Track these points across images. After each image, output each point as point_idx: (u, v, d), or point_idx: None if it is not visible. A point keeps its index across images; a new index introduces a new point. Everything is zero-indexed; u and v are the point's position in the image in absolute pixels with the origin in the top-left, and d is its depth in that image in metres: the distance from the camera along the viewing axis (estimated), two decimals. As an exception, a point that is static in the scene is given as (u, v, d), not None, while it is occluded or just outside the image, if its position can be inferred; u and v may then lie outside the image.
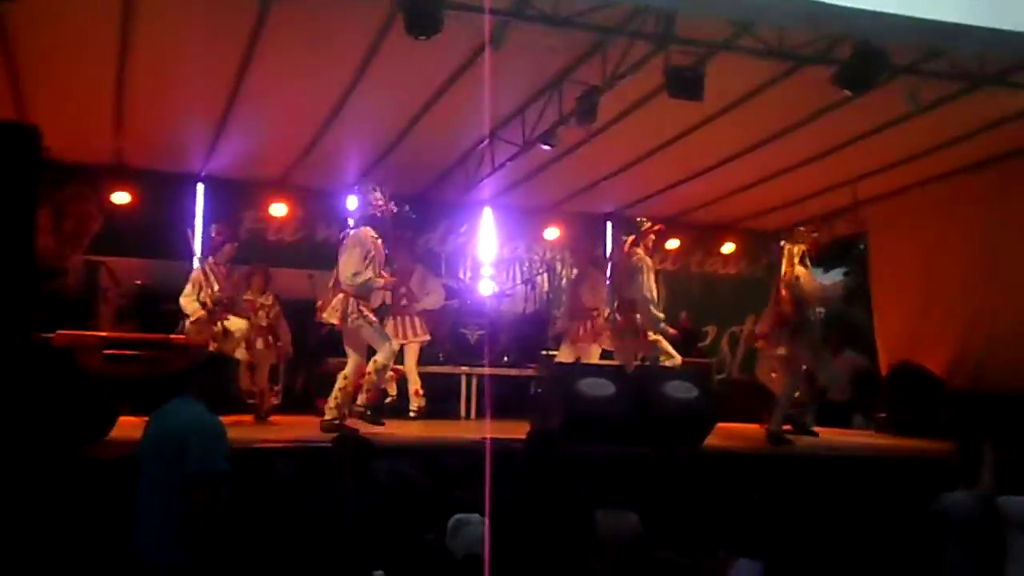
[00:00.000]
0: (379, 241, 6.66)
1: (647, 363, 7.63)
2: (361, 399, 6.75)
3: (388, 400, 7.95)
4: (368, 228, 6.62)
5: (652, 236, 7.85)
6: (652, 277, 7.69)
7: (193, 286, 7.23)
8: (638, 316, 7.59)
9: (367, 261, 6.49)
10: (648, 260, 7.75)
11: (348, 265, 6.49)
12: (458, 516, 4.19)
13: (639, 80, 6.67)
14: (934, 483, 4.68)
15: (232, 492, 3.71)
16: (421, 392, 8.05)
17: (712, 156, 8.90)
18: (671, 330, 7.85)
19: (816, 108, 7.46)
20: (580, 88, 7.02)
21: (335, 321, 6.54)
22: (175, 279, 7.64)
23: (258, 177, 9.71)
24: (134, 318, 8.39)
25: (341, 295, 6.51)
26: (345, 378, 6.53)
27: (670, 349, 7.75)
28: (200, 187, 9.66)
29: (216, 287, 7.21)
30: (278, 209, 9.94)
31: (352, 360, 6.61)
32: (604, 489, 4.38)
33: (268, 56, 6.66)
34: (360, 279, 6.44)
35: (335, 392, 6.51)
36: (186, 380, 3.81)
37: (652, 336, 7.64)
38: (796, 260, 7.39)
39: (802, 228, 7.84)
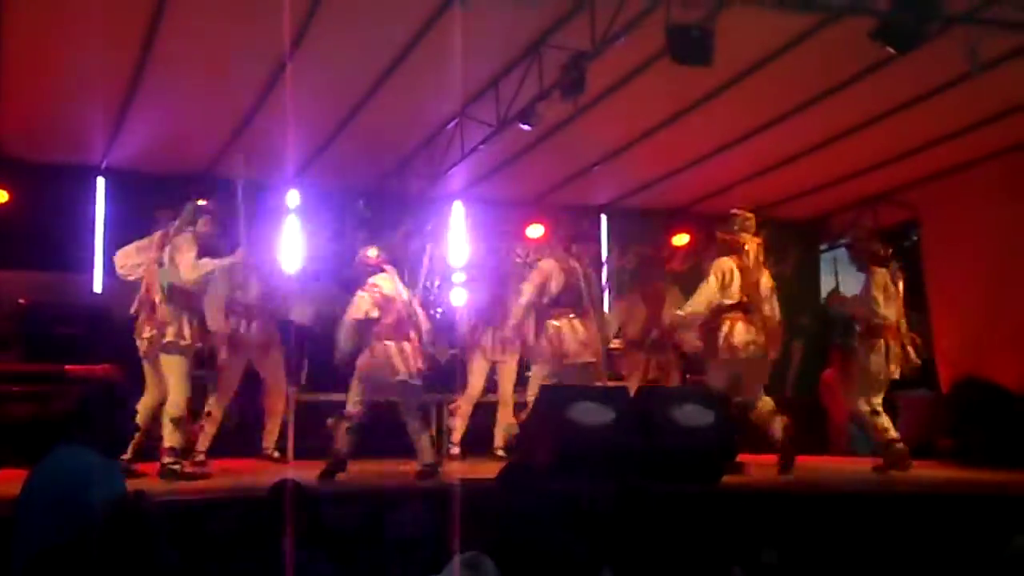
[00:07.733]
0: None
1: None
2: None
3: None
4: None
5: None
6: None
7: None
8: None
9: None
10: None
11: None
12: None
13: (635, 43, 6.66)
14: (1010, 522, 4.65)
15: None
16: None
17: (726, 133, 8.94)
18: None
19: (853, 71, 7.47)
20: (564, 55, 7.01)
21: None
22: (71, 295, 7.54)
23: (176, 170, 9.60)
24: (17, 345, 8.24)
25: None
26: None
27: None
28: (101, 182, 9.57)
29: None
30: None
31: None
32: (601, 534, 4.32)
33: (181, 18, 6.59)
34: None
35: None
36: (73, 421, 3.75)
37: None
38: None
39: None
